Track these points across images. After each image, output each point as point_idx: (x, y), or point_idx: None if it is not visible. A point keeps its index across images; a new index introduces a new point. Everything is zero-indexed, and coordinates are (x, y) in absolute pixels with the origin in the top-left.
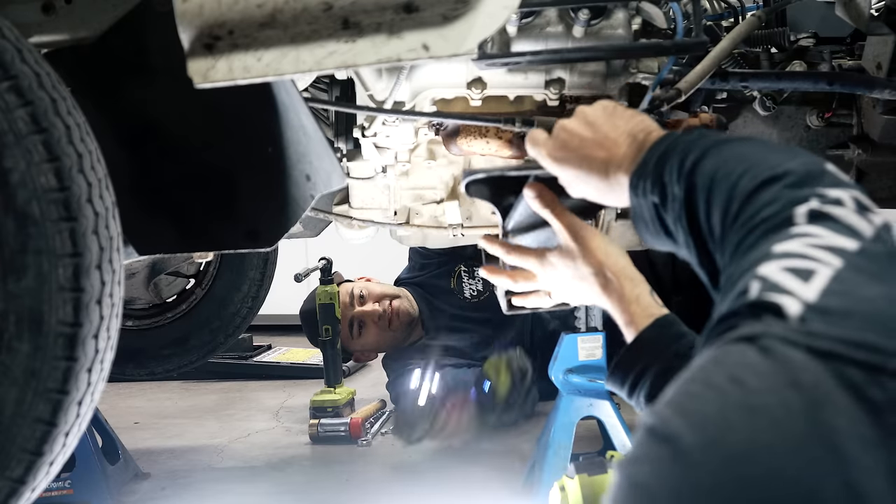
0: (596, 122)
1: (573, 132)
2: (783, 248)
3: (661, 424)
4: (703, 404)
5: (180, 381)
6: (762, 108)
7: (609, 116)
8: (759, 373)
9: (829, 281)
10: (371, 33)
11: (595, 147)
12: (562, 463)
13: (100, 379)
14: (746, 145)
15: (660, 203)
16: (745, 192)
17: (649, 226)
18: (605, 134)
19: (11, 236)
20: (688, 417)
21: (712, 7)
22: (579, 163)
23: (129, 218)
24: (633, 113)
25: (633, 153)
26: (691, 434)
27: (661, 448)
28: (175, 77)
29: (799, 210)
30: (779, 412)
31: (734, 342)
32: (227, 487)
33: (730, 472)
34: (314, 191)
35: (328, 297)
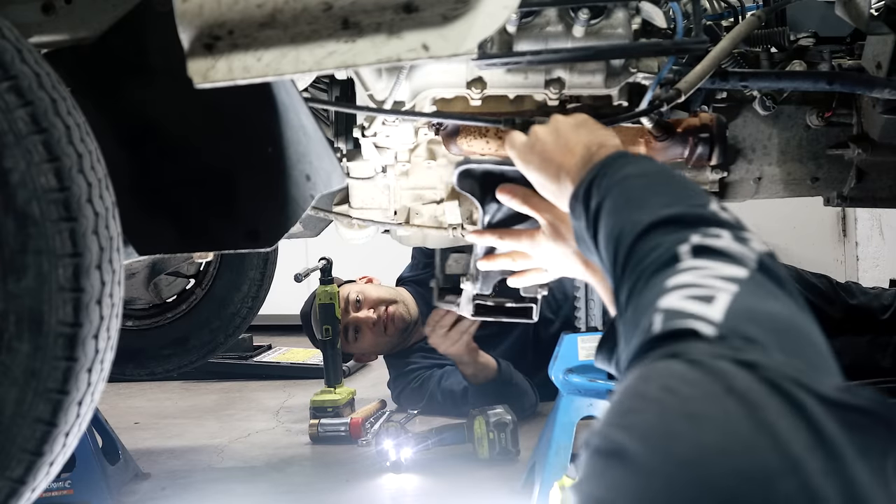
0: (561, 130)
1: (540, 137)
2: (676, 281)
3: (604, 442)
4: (642, 415)
5: (180, 381)
6: (762, 108)
7: (575, 127)
8: (690, 382)
9: (730, 302)
10: (371, 33)
11: (555, 152)
12: (562, 463)
13: (100, 379)
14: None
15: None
16: (629, 243)
17: (581, 243)
18: (565, 142)
19: (11, 236)
20: (630, 430)
21: (712, 7)
22: (540, 166)
23: (129, 218)
24: (599, 127)
25: (580, 165)
26: (637, 444)
27: (611, 464)
28: (175, 77)
29: (682, 248)
30: (720, 417)
31: (657, 360)
32: (227, 487)
33: (685, 475)
34: (314, 191)
35: (328, 298)
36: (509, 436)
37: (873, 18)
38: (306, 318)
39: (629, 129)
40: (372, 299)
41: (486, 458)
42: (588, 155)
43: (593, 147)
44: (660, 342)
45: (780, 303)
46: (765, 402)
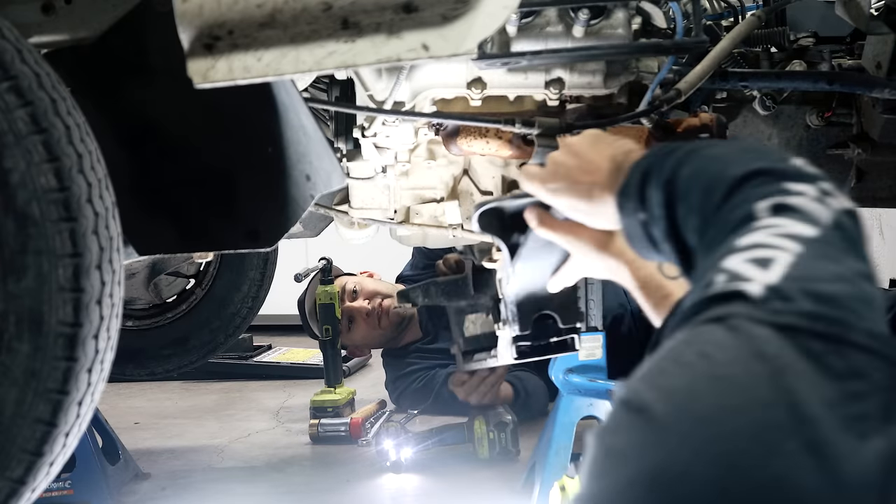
0: (580, 151)
1: (560, 162)
2: (745, 241)
3: (633, 396)
4: (673, 378)
5: (180, 382)
6: (762, 108)
7: (593, 143)
8: (725, 347)
9: (788, 266)
10: (371, 33)
11: (581, 173)
12: (562, 463)
13: (100, 379)
14: (717, 149)
15: (647, 220)
16: (718, 197)
17: (639, 241)
18: (589, 160)
19: (11, 237)
20: (659, 390)
21: (712, 7)
22: (568, 190)
23: (129, 218)
24: (616, 138)
25: (614, 175)
26: (662, 403)
27: (633, 418)
28: (175, 77)
29: (761, 205)
30: (743, 379)
31: (703, 323)
32: (228, 487)
33: (697, 433)
34: (314, 191)
35: (328, 297)
36: (509, 436)
37: (873, 18)
38: (302, 306)
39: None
40: (368, 290)
41: (486, 458)
42: (616, 165)
43: (619, 157)
44: (712, 303)
45: (843, 266)
46: (791, 365)
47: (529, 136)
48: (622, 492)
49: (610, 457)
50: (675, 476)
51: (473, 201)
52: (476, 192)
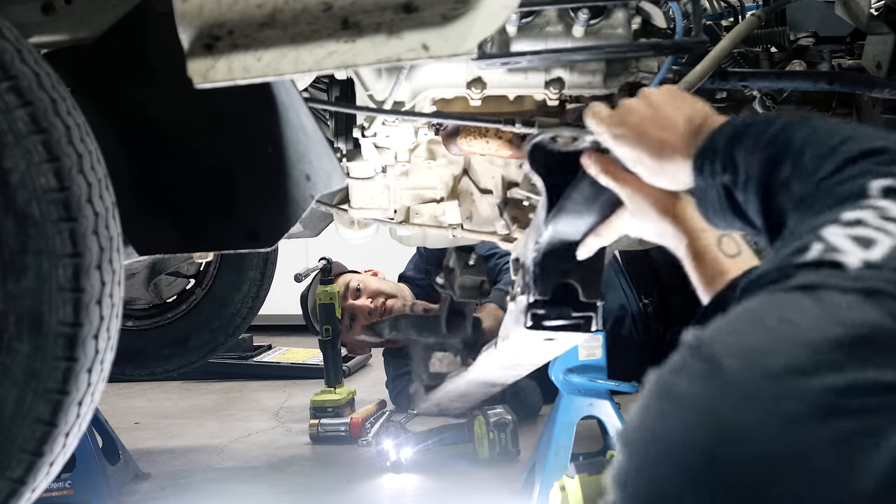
0: (657, 103)
1: (634, 110)
2: (851, 216)
3: (704, 346)
4: (749, 337)
5: (180, 382)
6: (762, 108)
7: (671, 99)
8: (809, 315)
9: (890, 249)
10: (371, 33)
11: (653, 126)
12: (562, 463)
13: (100, 379)
14: (831, 122)
15: (731, 182)
16: (832, 166)
17: (714, 205)
18: (664, 115)
19: (11, 237)
20: (732, 346)
21: (712, 6)
22: (635, 140)
23: (129, 218)
24: (695, 99)
25: (689, 136)
26: (733, 359)
27: (700, 366)
28: (175, 77)
29: (875, 184)
30: (822, 345)
31: (789, 290)
32: (228, 487)
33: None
34: (314, 191)
35: (328, 297)
36: (509, 436)
37: (873, 18)
38: (305, 301)
39: None
40: (371, 289)
41: (486, 458)
42: (694, 126)
43: (697, 118)
44: (803, 269)
45: None
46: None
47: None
48: (678, 437)
49: (670, 400)
50: (735, 432)
51: (473, 201)
52: (476, 192)
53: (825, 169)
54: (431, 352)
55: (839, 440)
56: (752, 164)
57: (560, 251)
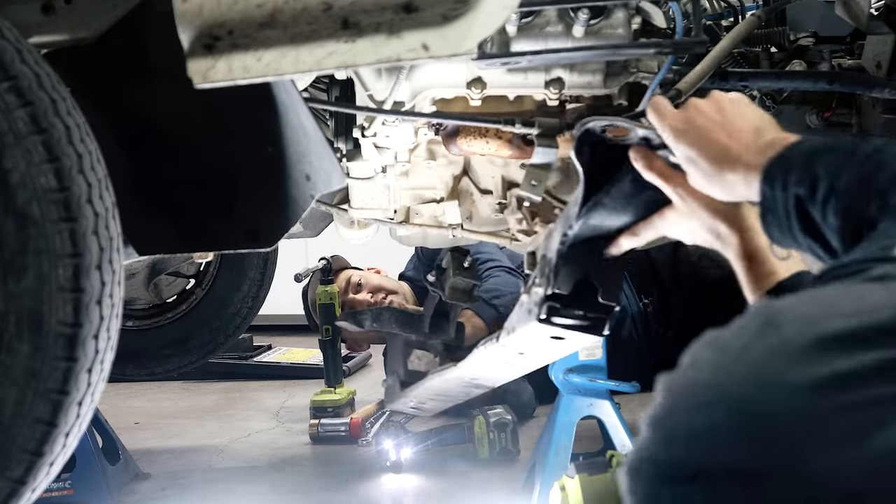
0: (727, 110)
1: (702, 111)
2: None
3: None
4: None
5: (180, 382)
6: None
7: (741, 108)
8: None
9: None
10: (371, 33)
11: (719, 131)
12: (562, 463)
13: (100, 379)
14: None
15: (807, 195)
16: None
17: (781, 219)
18: (732, 122)
19: (11, 237)
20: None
21: (712, 6)
22: (697, 142)
23: (129, 218)
24: (765, 114)
25: (757, 148)
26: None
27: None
28: (175, 77)
29: None
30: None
31: (864, 280)
32: (228, 488)
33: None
34: (314, 191)
35: (328, 298)
36: (509, 436)
37: (873, 18)
38: (305, 296)
39: None
40: (372, 285)
41: (486, 458)
42: (761, 140)
43: (766, 132)
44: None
45: None
46: None
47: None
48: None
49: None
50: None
51: (473, 201)
52: (476, 192)
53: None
54: (411, 349)
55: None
56: (840, 179)
57: (587, 246)
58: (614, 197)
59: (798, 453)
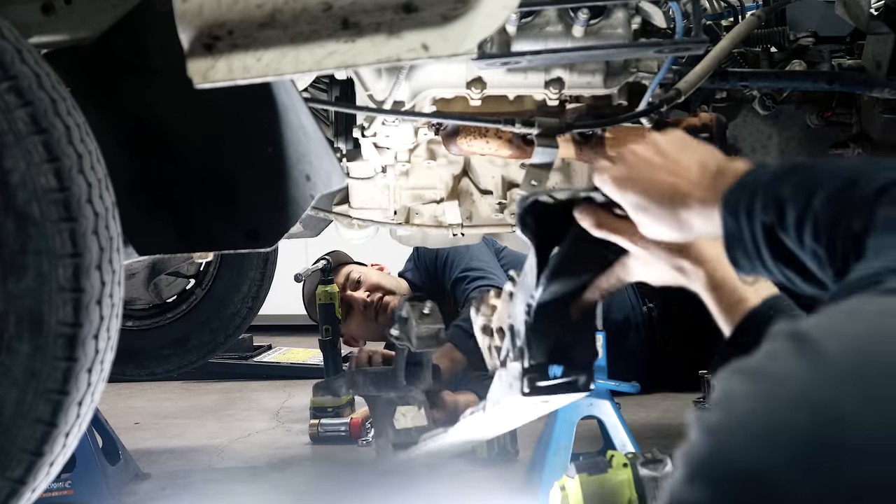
0: (665, 149)
1: (642, 156)
2: None
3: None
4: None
5: (180, 382)
6: (762, 108)
7: (680, 145)
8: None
9: None
10: (371, 33)
11: (662, 172)
12: (562, 463)
13: (100, 379)
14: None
15: (776, 222)
16: None
17: (749, 249)
18: (674, 160)
19: (11, 237)
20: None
21: (712, 6)
22: (644, 188)
23: (129, 218)
24: (704, 145)
25: (706, 181)
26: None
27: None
28: (175, 77)
29: None
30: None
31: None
32: (228, 488)
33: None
34: (314, 191)
35: (328, 298)
36: (509, 436)
37: (873, 18)
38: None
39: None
40: (371, 283)
41: (486, 458)
42: (709, 172)
43: (711, 164)
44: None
45: None
46: None
47: (529, 136)
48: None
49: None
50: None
51: (473, 201)
52: (476, 192)
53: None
54: (394, 406)
55: None
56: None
57: (553, 308)
58: (570, 258)
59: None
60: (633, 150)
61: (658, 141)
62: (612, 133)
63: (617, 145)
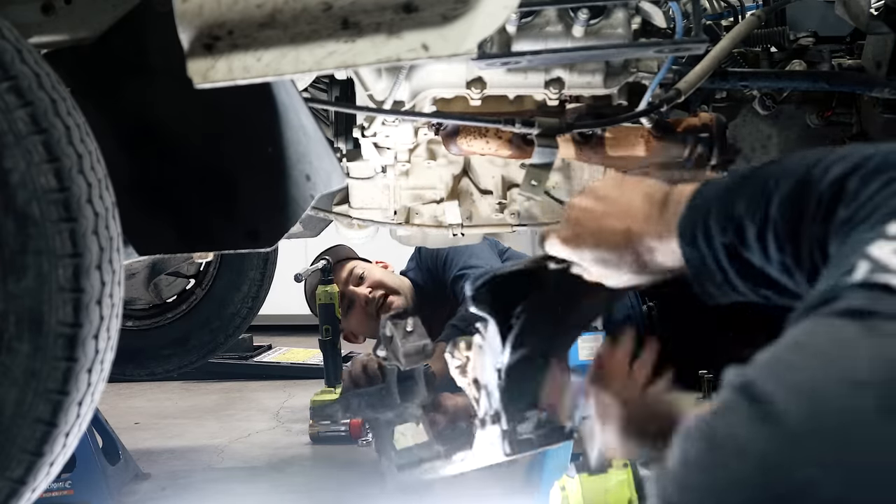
0: (607, 195)
1: (584, 209)
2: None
3: (755, 387)
4: (801, 372)
5: (180, 382)
6: (762, 108)
7: (618, 186)
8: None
9: None
10: (370, 33)
11: (611, 219)
12: (562, 463)
13: (100, 379)
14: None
15: (735, 241)
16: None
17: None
18: (616, 201)
19: (11, 237)
20: (785, 386)
21: (712, 6)
22: (595, 239)
23: (129, 218)
24: (640, 179)
25: (655, 213)
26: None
27: (751, 407)
28: (175, 77)
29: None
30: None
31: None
32: (228, 488)
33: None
34: (314, 191)
35: (328, 298)
36: None
37: (873, 18)
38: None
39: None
40: (374, 279)
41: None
42: (655, 203)
43: (656, 195)
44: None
45: None
46: None
47: (529, 136)
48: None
49: (719, 449)
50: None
51: (473, 201)
52: (476, 192)
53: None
54: (392, 426)
55: None
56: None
57: (524, 369)
58: (531, 323)
59: None
60: (574, 205)
61: (595, 188)
62: (612, 133)
63: (617, 145)
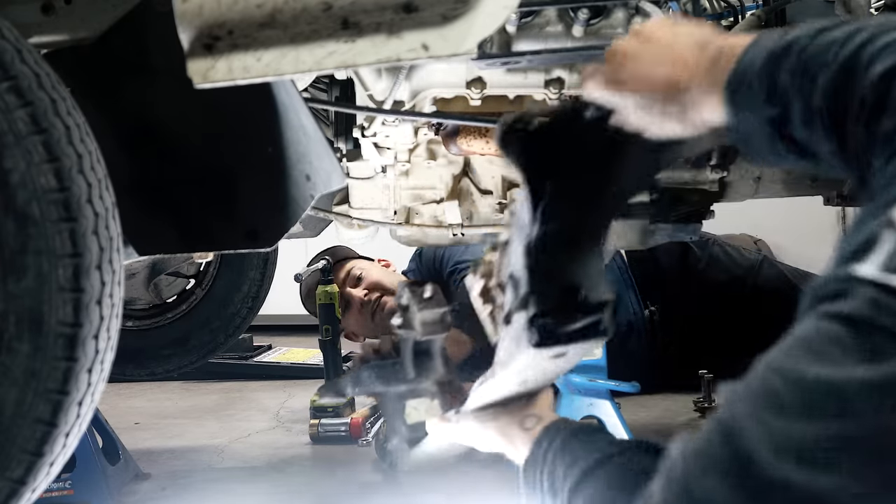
0: (654, 37)
1: (629, 52)
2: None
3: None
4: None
5: (180, 382)
6: None
7: (668, 29)
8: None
9: None
10: (371, 33)
11: (656, 64)
12: None
13: (100, 379)
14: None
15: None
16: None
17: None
18: (668, 46)
19: (11, 237)
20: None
21: (712, 6)
22: (641, 84)
23: (129, 218)
24: (697, 23)
25: (705, 65)
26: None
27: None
28: (175, 77)
29: None
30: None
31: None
32: (228, 488)
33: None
34: (314, 191)
35: (328, 298)
36: None
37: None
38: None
39: None
40: (371, 280)
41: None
42: (707, 54)
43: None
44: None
45: None
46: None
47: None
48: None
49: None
50: None
51: (473, 201)
52: (476, 192)
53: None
54: (404, 401)
55: None
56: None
57: (556, 248)
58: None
59: None
60: (618, 47)
61: (644, 28)
62: None
63: None
